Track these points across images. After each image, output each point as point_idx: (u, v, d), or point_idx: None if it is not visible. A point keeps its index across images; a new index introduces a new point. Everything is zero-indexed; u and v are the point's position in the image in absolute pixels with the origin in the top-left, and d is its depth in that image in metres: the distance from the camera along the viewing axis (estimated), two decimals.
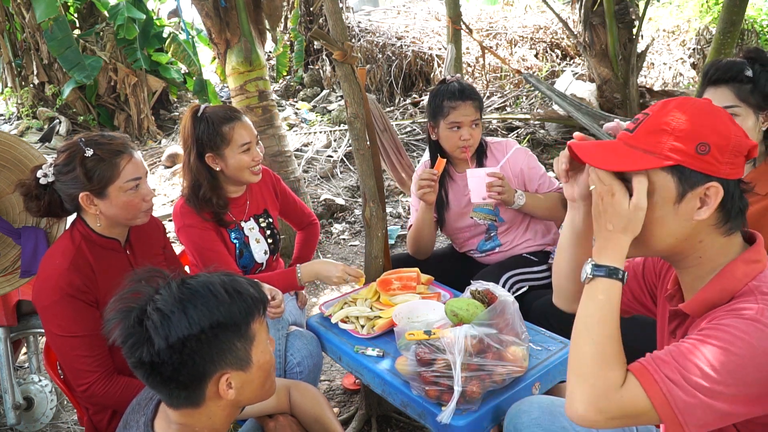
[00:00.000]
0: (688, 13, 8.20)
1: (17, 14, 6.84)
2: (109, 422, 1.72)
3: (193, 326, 1.04)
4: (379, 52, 8.04)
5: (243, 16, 3.93)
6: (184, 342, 1.04)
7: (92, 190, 1.62)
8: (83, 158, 1.60)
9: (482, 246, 2.42)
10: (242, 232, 2.19)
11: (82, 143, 1.62)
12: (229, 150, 2.05)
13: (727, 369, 0.93)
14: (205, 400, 1.11)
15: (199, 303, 1.06)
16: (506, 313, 1.59)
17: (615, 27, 5.72)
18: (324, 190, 5.39)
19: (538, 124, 6.36)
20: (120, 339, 1.05)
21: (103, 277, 1.68)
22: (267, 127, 4.10)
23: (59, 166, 1.62)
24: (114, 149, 1.65)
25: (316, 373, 1.91)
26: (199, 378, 1.08)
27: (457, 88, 2.25)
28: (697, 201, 1.02)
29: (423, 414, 1.55)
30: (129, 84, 7.04)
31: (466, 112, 2.22)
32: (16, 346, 2.55)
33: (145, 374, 1.07)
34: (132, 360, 1.06)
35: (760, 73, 1.70)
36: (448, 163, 2.37)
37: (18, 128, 6.98)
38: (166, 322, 1.03)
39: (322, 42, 2.20)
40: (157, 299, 1.07)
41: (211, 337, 1.06)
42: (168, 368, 1.04)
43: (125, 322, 1.06)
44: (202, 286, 1.09)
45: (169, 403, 1.13)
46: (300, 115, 7.63)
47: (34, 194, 1.64)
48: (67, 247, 1.66)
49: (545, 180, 2.35)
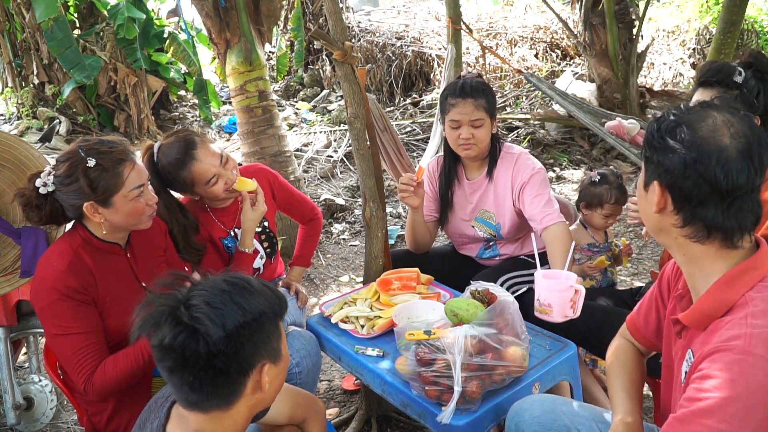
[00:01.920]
0: (688, 13, 8.20)
1: (17, 14, 6.84)
2: (108, 422, 1.71)
3: (245, 314, 1.08)
4: (379, 52, 8.03)
5: (243, 16, 3.94)
6: (239, 330, 1.07)
7: (97, 200, 1.60)
8: (86, 169, 1.57)
9: (481, 253, 2.42)
10: (236, 239, 2.16)
11: (83, 152, 1.59)
12: (198, 188, 1.99)
13: (730, 414, 0.94)
14: (241, 396, 1.12)
15: (245, 293, 1.11)
16: (506, 313, 1.59)
17: (615, 27, 5.72)
18: (324, 190, 5.39)
19: (538, 124, 6.36)
20: (168, 338, 1.04)
21: (103, 281, 1.67)
22: (267, 127, 4.11)
23: (61, 177, 1.59)
24: (116, 158, 1.62)
25: (315, 373, 1.91)
26: (246, 368, 1.11)
27: (460, 85, 2.17)
28: (653, 195, 1.10)
29: (423, 414, 1.55)
30: (129, 84, 7.04)
31: (464, 110, 2.14)
32: (16, 346, 2.55)
33: (195, 371, 1.06)
34: (185, 356, 1.05)
35: (749, 80, 1.69)
36: (459, 164, 2.35)
37: (18, 128, 6.98)
38: (220, 312, 1.06)
39: (322, 42, 2.20)
40: (200, 295, 1.09)
41: (258, 326, 1.11)
42: (222, 359, 1.06)
43: (170, 321, 1.06)
44: (240, 280, 1.14)
45: (201, 405, 1.11)
46: (300, 115, 7.63)
47: (34, 204, 1.62)
48: (65, 250, 1.65)
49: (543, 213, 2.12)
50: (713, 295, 1.07)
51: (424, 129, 6.48)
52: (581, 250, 2.38)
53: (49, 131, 3.60)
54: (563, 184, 5.33)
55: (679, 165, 1.04)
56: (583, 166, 5.73)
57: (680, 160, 1.04)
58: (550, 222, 2.10)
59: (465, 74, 2.24)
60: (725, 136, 1.02)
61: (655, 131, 1.10)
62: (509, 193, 2.24)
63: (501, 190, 2.26)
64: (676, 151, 1.05)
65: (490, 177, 2.27)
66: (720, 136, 1.03)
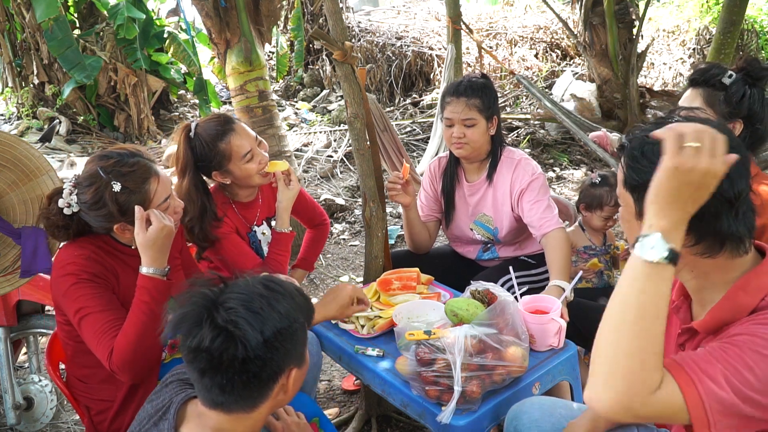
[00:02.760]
0: (688, 13, 8.20)
1: (17, 14, 6.83)
2: (111, 422, 1.71)
3: (282, 320, 1.09)
4: (379, 52, 8.03)
5: (243, 16, 3.94)
6: (276, 335, 1.08)
7: (126, 221, 1.60)
8: (113, 194, 1.56)
9: (481, 255, 2.42)
10: (256, 235, 2.19)
11: (106, 175, 1.56)
12: (232, 164, 2.03)
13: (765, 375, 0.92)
14: (267, 399, 1.13)
15: (281, 299, 1.12)
16: (506, 313, 1.59)
17: (615, 27, 5.72)
18: (324, 190, 5.39)
19: (537, 124, 6.36)
20: (207, 340, 1.04)
21: (124, 282, 1.66)
22: (267, 127, 4.10)
23: (88, 204, 1.58)
24: (141, 177, 1.60)
25: (315, 372, 1.91)
26: (277, 373, 1.12)
27: (457, 83, 2.19)
28: None
29: (423, 414, 1.55)
30: (129, 84, 7.03)
31: (456, 109, 2.14)
32: (16, 346, 2.54)
33: (229, 374, 1.06)
34: (221, 359, 1.05)
35: (736, 83, 1.69)
36: (459, 165, 2.34)
37: (18, 128, 6.97)
38: (259, 317, 1.07)
39: (322, 42, 2.20)
40: (237, 298, 1.08)
41: (292, 333, 1.11)
42: (257, 364, 1.07)
43: (208, 324, 1.05)
44: (275, 284, 1.14)
45: (227, 407, 1.11)
46: (300, 115, 7.62)
47: (61, 225, 1.62)
48: (85, 245, 1.64)
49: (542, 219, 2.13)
50: (731, 301, 1.06)
51: (424, 129, 6.48)
52: (577, 252, 2.38)
53: (49, 131, 3.60)
54: (563, 184, 5.33)
55: None
56: (583, 166, 5.73)
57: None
58: (549, 228, 2.10)
59: (470, 74, 2.26)
60: None
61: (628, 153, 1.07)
62: (508, 198, 2.24)
63: (500, 195, 2.26)
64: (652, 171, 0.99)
65: (490, 181, 2.26)
66: None
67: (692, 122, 1.01)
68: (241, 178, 2.07)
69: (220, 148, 2.00)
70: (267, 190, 2.27)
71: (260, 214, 2.23)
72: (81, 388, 1.75)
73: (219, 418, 1.13)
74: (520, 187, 2.19)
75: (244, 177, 2.06)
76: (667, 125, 0.98)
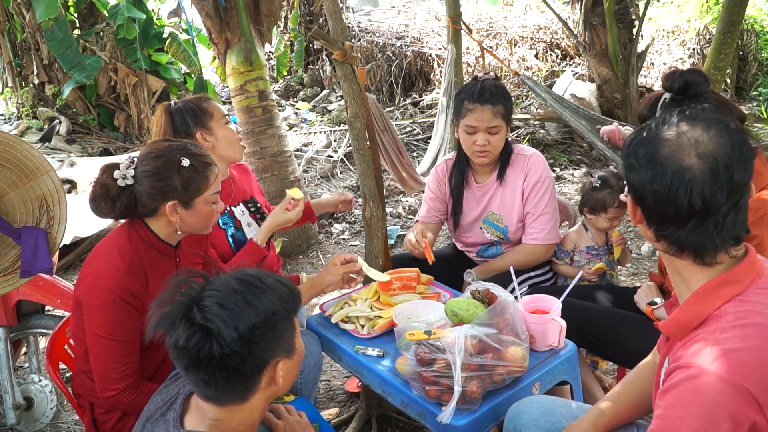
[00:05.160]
0: (688, 13, 8.19)
1: (17, 14, 6.83)
2: (116, 423, 1.71)
3: (258, 314, 1.09)
4: (379, 52, 8.03)
5: (243, 16, 3.94)
6: (252, 330, 1.08)
7: (181, 200, 1.62)
8: (180, 167, 1.59)
9: (483, 251, 2.42)
10: (233, 216, 2.21)
11: (176, 152, 1.61)
12: (215, 123, 2.10)
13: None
14: (256, 391, 1.14)
15: (258, 293, 1.12)
16: (506, 313, 1.59)
17: (615, 27, 5.73)
18: (324, 190, 5.39)
19: (538, 124, 6.36)
20: (183, 339, 1.06)
21: (154, 284, 1.66)
22: (267, 127, 4.11)
23: (149, 172, 1.58)
24: (206, 161, 1.67)
25: (316, 372, 1.91)
26: (260, 367, 1.12)
27: (478, 89, 2.12)
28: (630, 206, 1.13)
29: (423, 414, 1.55)
30: (129, 84, 7.03)
31: (482, 117, 2.09)
32: (16, 346, 2.55)
33: (210, 371, 1.07)
34: (199, 357, 1.06)
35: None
36: (468, 167, 2.33)
37: (18, 128, 6.97)
38: (233, 313, 1.07)
39: (322, 42, 2.20)
40: (212, 295, 1.09)
41: (272, 325, 1.11)
42: (236, 359, 1.07)
43: (184, 322, 1.07)
44: (253, 278, 1.14)
45: (217, 400, 1.13)
46: (300, 115, 7.63)
47: (111, 196, 1.59)
48: (125, 247, 1.63)
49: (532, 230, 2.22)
50: (689, 307, 1.06)
51: (424, 129, 6.48)
52: (580, 252, 2.38)
53: (49, 131, 3.60)
54: (563, 184, 5.33)
55: (638, 183, 1.04)
56: (583, 166, 5.73)
57: (639, 178, 1.04)
58: (532, 241, 2.23)
59: (481, 76, 2.19)
60: (689, 156, 0.99)
61: (627, 145, 1.09)
62: (519, 195, 2.24)
63: (511, 192, 2.26)
64: (636, 169, 1.05)
65: (501, 180, 2.26)
66: (683, 155, 0.99)
67: (700, 120, 1.03)
68: (223, 141, 2.12)
69: (203, 106, 2.10)
70: (238, 178, 2.30)
71: (235, 196, 2.24)
72: (88, 385, 1.73)
73: (214, 410, 1.15)
74: (529, 184, 2.23)
75: (226, 140, 2.12)
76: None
